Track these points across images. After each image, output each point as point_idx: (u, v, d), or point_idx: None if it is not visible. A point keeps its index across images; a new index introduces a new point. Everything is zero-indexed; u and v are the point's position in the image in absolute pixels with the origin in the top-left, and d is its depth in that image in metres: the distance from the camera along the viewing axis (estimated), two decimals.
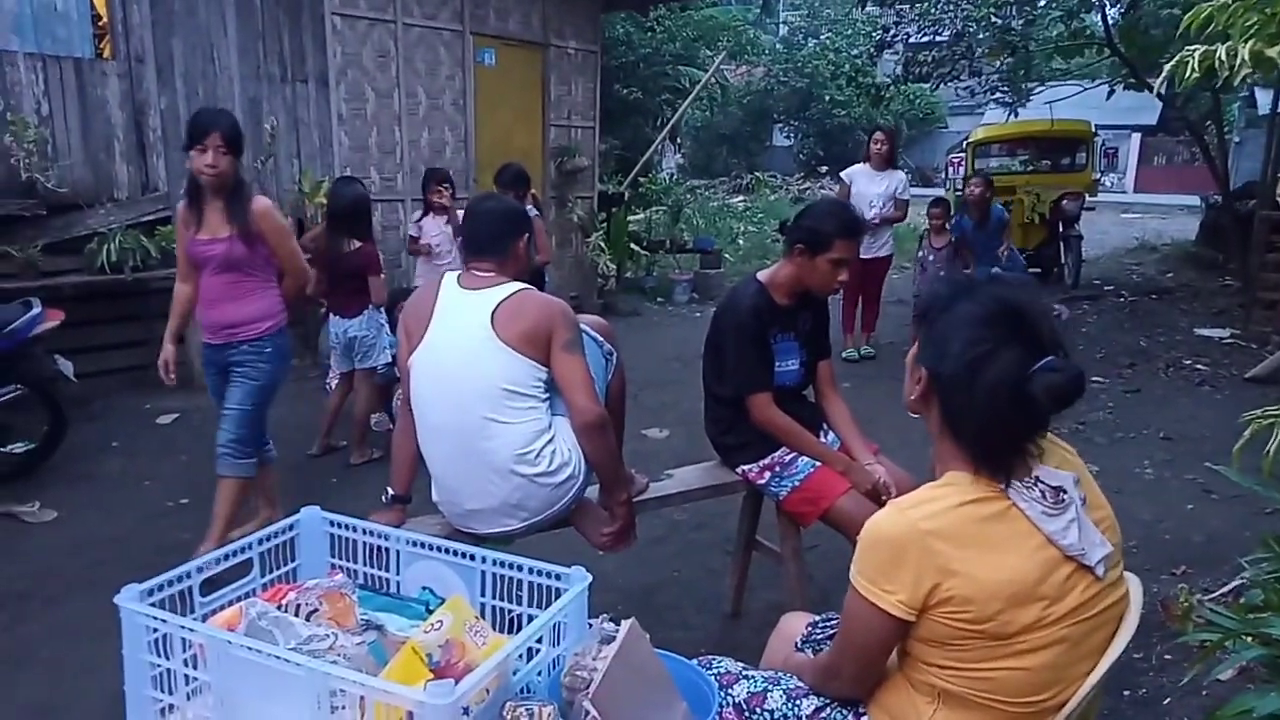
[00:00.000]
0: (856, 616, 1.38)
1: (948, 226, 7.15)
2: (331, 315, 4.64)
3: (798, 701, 1.58)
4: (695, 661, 1.68)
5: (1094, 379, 6.40)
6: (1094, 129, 11.41)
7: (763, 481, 2.75)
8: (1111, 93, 10.80)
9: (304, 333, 6.49)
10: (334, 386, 4.80)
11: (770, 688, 1.61)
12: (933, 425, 1.45)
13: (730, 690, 1.62)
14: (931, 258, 7.09)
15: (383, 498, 2.47)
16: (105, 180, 5.69)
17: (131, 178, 5.81)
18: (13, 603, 3.20)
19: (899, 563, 1.31)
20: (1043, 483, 1.34)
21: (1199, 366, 6.65)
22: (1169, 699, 2.49)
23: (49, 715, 2.54)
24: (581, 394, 2.26)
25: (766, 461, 2.73)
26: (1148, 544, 3.68)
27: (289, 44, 6.45)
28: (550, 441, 2.29)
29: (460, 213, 5.67)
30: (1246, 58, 2.11)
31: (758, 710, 1.59)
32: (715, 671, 1.65)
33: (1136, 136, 26.81)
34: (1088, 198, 10.69)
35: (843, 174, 7.18)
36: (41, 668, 2.78)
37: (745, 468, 2.78)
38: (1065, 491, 1.35)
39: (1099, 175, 11.67)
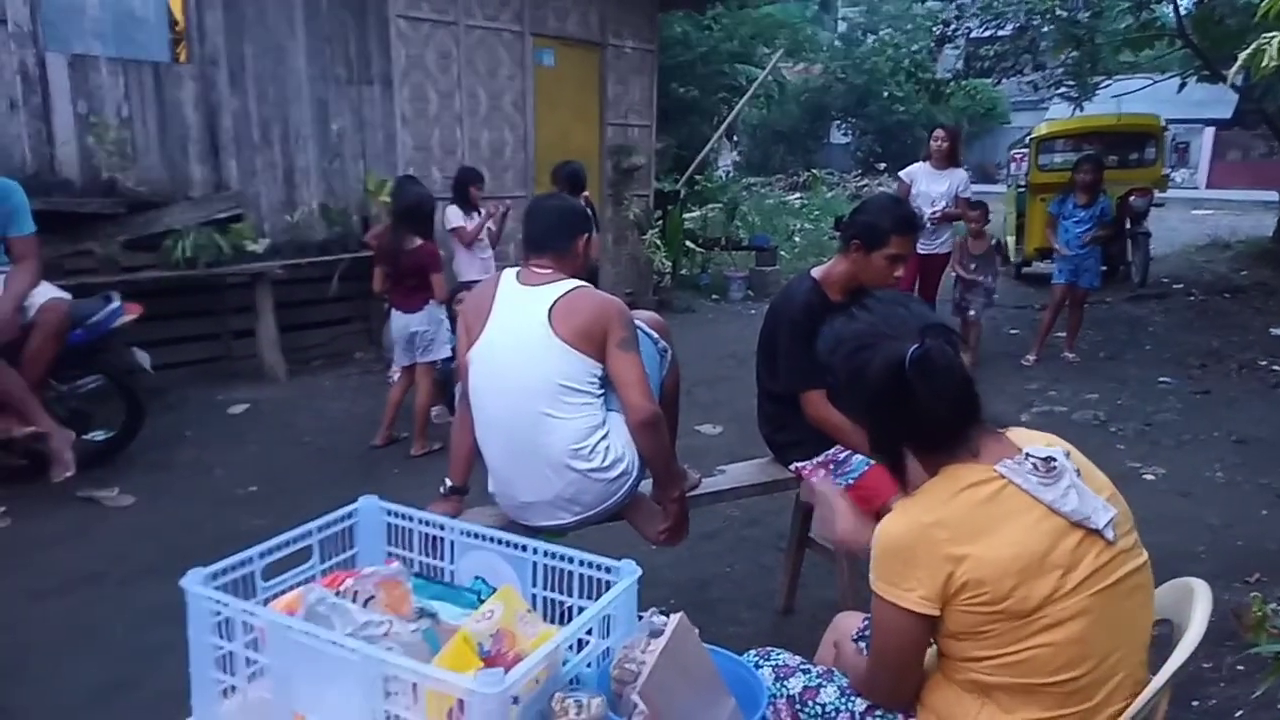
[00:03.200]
0: (884, 622, 1.41)
1: (987, 231, 6.74)
2: (394, 310, 4.75)
3: (852, 698, 1.59)
4: (752, 653, 1.71)
5: (1161, 379, 6.23)
6: (1163, 123, 11.04)
7: (817, 479, 2.73)
8: (1183, 85, 10.45)
9: (368, 328, 6.67)
10: (396, 380, 4.92)
11: (825, 683, 1.62)
12: (893, 461, 1.52)
13: (786, 682, 1.63)
14: (972, 265, 6.60)
15: (440, 488, 2.52)
16: (181, 179, 5.90)
17: (205, 177, 6.02)
18: (90, 582, 3.34)
19: (910, 560, 1.35)
20: (1032, 456, 1.38)
21: (1274, 368, 6.42)
22: (1240, 711, 2.42)
23: (123, 690, 2.65)
24: (636, 392, 2.28)
25: (821, 459, 2.72)
26: (1217, 550, 3.58)
27: (355, 47, 6.61)
28: (605, 437, 2.32)
29: (484, 209, 5.80)
30: None
31: (810, 703, 1.60)
32: (773, 663, 1.67)
33: (1210, 131, 25.88)
34: (1157, 194, 10.36)
35: (902, 173, 7.03)
36: (116, 645, 2.90)
37: (799, 465, 2.78)
38: (1055, 460, 1.38)
39: (1169, 171, 11.26)
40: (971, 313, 6.64)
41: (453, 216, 5.61)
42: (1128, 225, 9.92)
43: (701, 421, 5.21)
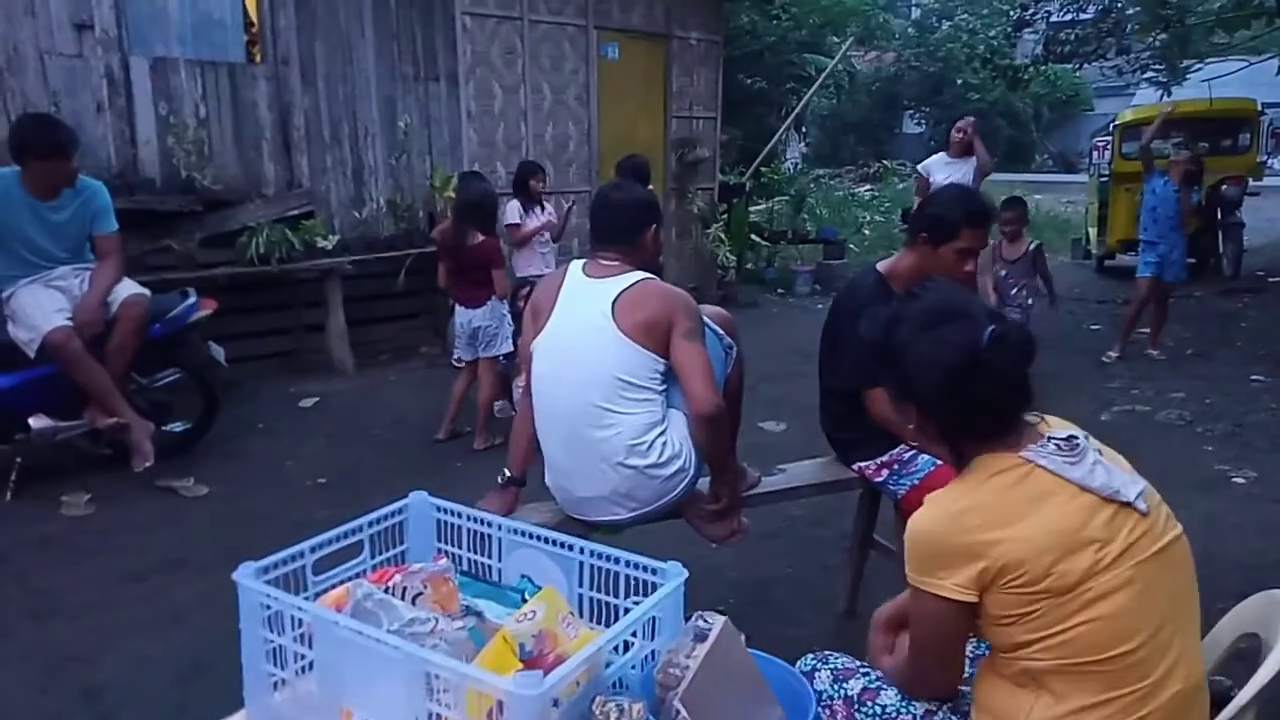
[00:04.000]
0: (922, 613, 1.41)
1: (1025, 233, 5.76)
2: (457, 306, 4.79)
3: (912, 702, 1.56)
4: (810, 656, 1.69)
5: (1254, 377, 5.91)
6: (1260, 108, 10.48)
7: (880, 479, 2.67)
8: None
9: (434, 322, 6.76)
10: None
11: (885, 686, 1.60)
12: (934, 442, 1.50)
13: (845, 684, 1.61)
14: (1005, 273, 5.65)
15: (499, 479, 2.52)
16: (254, 177, 6.06)
17: (278, 175, 6.17)
18: (171, 568, 3.46)
19: (943, 550, 1.36)
20: (1054, 439, 1.39)
21: None
22: None
23: (203, 670, 2.73)
24: (699, 382, 2.24)
25: (885, 459, 2.64)
26: None
27: (422, 44, 6.69)
28: (663, 434, 2.29)
29: (548, 205, 5.80)
30: None
31: (869, 704, 1.58)
32: (831, 666, 1.65)
33: None
34: (1252, 182, 9.86)
35: (919, 167, 6.88)
36: (194, 628, 2.99)
37: (862, 464, 2.70)
38: (1077, 438, 1.40)
39: (1265, 158, 10.70)
40: None
41: (510, 212, 5.62)
42: (1219, 215, 9.48)
43: (765, 419, 5.14)
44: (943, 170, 6.52)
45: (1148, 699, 1.31)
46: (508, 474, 2.51)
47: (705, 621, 1.21)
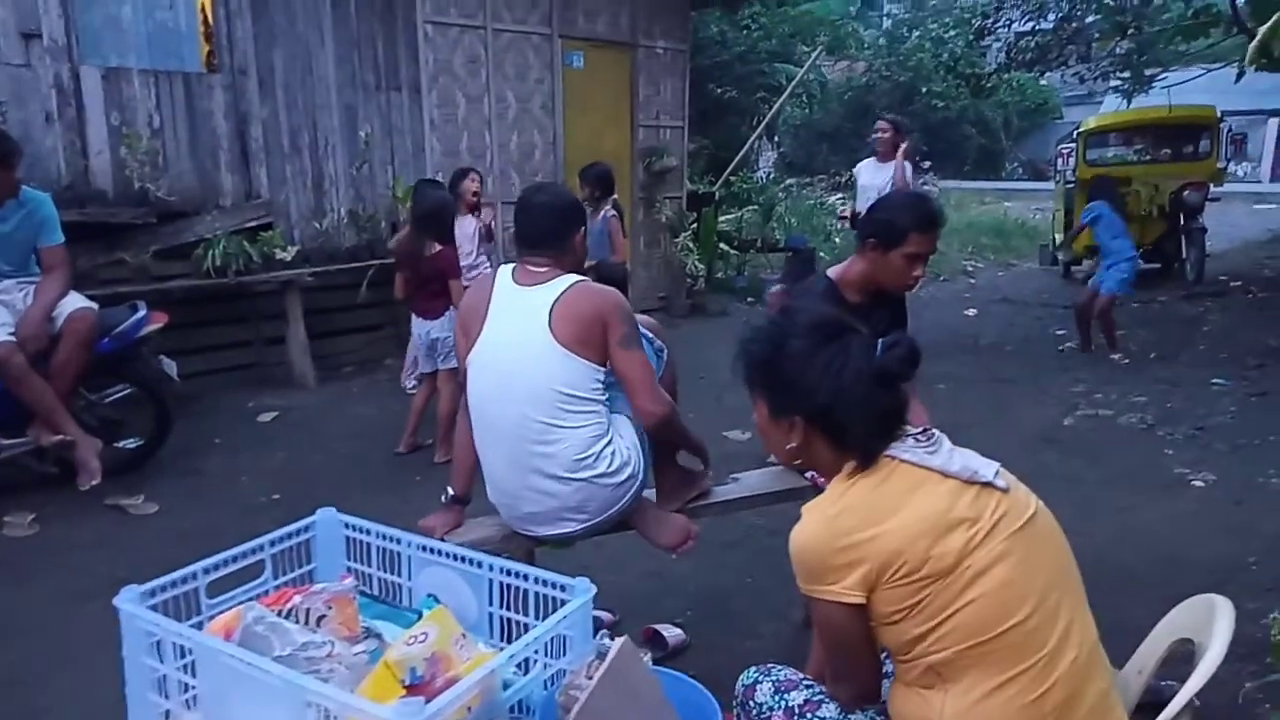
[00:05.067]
0: (823, 619, 1.46)
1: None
2: (415, 317, 4.73)
3: (849, 713, 1.55)
4: (753, 669, 1.68)
5: (1215, 380, 5.96)
6: (1219, 114, 10.63)
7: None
8: (1241, 75, 10.03)
9: (398, 334, 6.67)
10: (411, 387, 4.90)
11: (827, 699, 1.59)
12: (819, 457, 1.55)
13: (787, 695, 1.61)
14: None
15: (442, 498, 2.46)
16: (211, 188, 5.97)
17: (235, 186, 6.08)
18: (116, 588, 3.34)
19: (826, 555, 1.40)
20: (909, 434, 1.48)
21: None
22: None
23: None
24: (644, 395, 2.25)
25: None
26: (1271, 560, 3.38)
27: (383, 53, 6.63)
28: (609, 443, 2.26)
29: (486, 210, 5.67)
30: None
31: (810, 715, 1.57)
32: (774, 679, 1.64)
33: (1275, 121, 24.95)
34: (1213, 188, 9.99)
35: (854, 170, 6.90)
36: None
37: (814, 472, 2.67)
38: (931, 430, 1.49)
39: (1225, 164, 10.85)
40: None
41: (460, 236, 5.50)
42: (1181, 221, 9.59)
43: (730, 427, 5.11)
44: (870, 174, 6.56)
45: (1049, 668, 1.34)
46: (451, 492, 2.46)
47: (608, 641, 1.16)
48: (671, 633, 2.80)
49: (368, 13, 6.50)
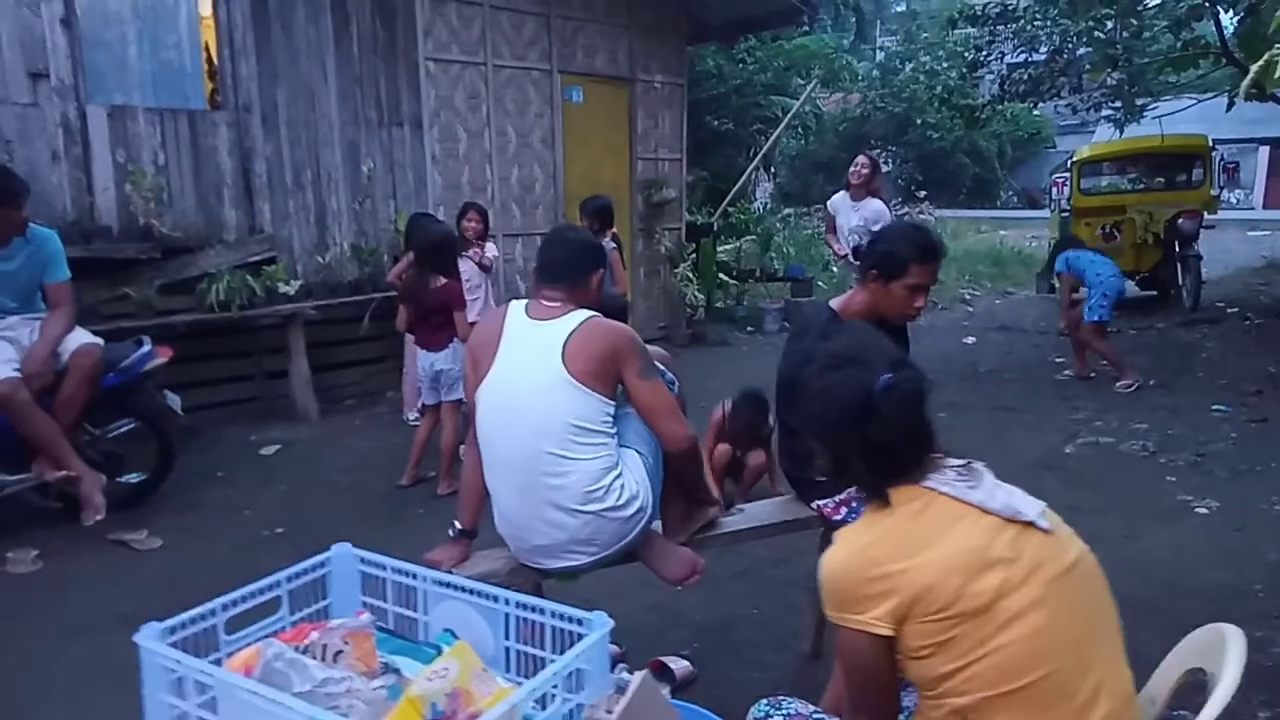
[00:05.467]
0: (848, 648, 1.43)
1: None
2: (419, 349, 4.75)
3: None
4: (764, 702, 1.67)
5: (1214, 407, 5.98)
6: (1211, 143, 10.76)
7: (839, 517, 2.63)
8: (1231, 104, 10.17)
9: (400, 366, 6.69)
10: (412, 419, 4.92)
11: None
12: (850, 483, 1.60)
13: None
14: None
15: (449, 531, 2.47)
16: (215, 224, 6.02)
17: (239, 221, 6.13)
18: (119, 624, 3.31)
19: (858, 585, 1.38)
20: (952, 466, 1.45)
21: None
22: None
23: None
24: (672, 421, 2.30)
25: (842, 497, 2.62)
26: (1275, 587, 3.38)
27: (385, 89, 6.72)
28: (619, 476, 2.27)
29: (490, 247, 5.72)
30: None
31: None
32: (784, 712, 1.63)
33: (1265, 150, 25.21)
34: (1207, 215, 10.08)
35: (828, 204, 6.85)
36: (139, 687, 2.88)
37: (820, 503, 2.68)
38: (972, 463, 1.46)
39: (1218, 191, 10.96)
40: None
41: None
42: (1177, 248, 9.66)
43: None
44: (844, 212, 6.46)
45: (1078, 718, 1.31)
46: (458, 526, 2.47)
47: (626, 675, 1.17)
48: (679, 664, 2.80)
49: (370, 50, 6.60)
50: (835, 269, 12.44)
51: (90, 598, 3.54)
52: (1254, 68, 1.99)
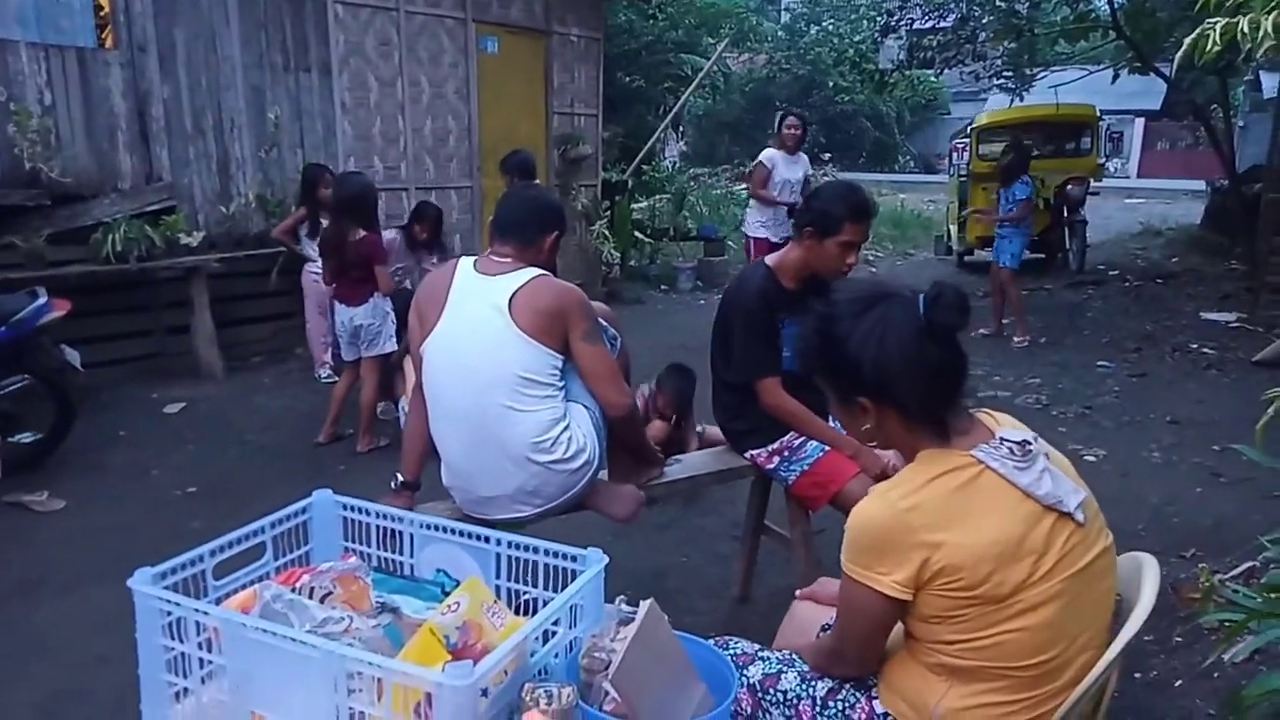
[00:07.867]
0: (854, 601, 1.41)
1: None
2: (337, 304, 4.63)
3: (812, 683, 1.58)
4: (711, 642, 1.68)
5: (1099, 363, 6.39)
6: (1099, 114, 11.33)
7: (771, 466, 2.74)
8: (1116, 77, 10.72)
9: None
10: (324, 375, 4.82)
11: (785, 669, 1.62)
12: (893, 436, 1.49)
13: (745, 671, 1.62)
14: None
15: (391, 483, 2.45)
16: (109, 170, 5.68)
17: (135, 168, 5.80)
18: (25, 591, 3.21)
19: (886, 545, 1.34)
20: (1008, 440, 1.38)
21: (1205, 350, 6.63)
22: (1180, 681, 2.49)
23: (67, 701, 2.55)
24: (611, 387, 2.31)
25: (775, 446, 2.72)
26: (1155, 527, 3.68)
27: (291, 33, 6.42)
28: (566, 428, 2.29)
29: (436, 262, 5.57)
30: (1270, 30, 2.09)
31: (771, 691, 1.59)
32: (732, 652, 1.66)
33: (1140, 121, 26.67)
34: (1093, 183, 10.63)
35: (763, 157, 7.19)
36: (56, 655, 2.78)
37: (754, 452, 2.77)
38: (1030, 443, 1.39)
39: (1104, 160, 11.57)
40: None
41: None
42: (1065, 213, 10.17)
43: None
44: (785, 167, 6.97)
45: (1053, 698, 1.38)
46: (401, 478, 2.46)
47: (629, 605, 1.22)
48: (627, 608, 2.87)
49: None
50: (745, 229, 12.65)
51: None
52: (1189, 40, 2.12)
